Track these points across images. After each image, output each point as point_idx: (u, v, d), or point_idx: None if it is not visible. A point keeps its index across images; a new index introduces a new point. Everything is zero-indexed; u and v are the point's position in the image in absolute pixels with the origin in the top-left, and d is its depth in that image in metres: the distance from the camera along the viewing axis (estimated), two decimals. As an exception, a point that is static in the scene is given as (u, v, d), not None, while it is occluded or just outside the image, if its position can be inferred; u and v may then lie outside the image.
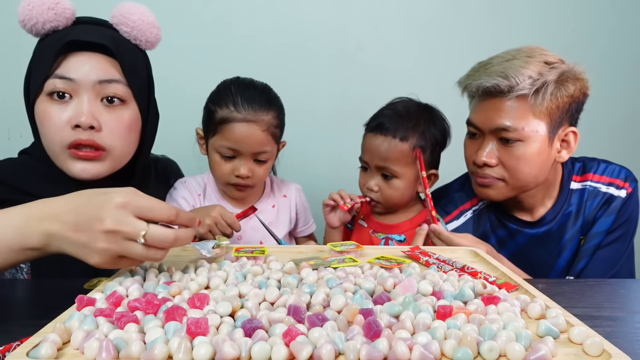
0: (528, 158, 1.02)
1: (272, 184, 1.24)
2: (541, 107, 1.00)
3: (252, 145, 1.08)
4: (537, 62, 1.01)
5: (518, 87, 0.98)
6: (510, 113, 1.00)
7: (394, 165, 1.13)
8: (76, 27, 0.89)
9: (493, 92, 1.01)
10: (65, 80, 0.85)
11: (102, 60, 0.88)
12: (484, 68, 1.04)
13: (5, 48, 1.51)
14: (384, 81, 1.65)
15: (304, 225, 1.27)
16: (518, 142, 1.01)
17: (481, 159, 1.04)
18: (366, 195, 1.17)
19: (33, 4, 0.85)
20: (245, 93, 1.09)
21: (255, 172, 1.10)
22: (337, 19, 1.67)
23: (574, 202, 1.12)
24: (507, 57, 1.03)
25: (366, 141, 1.17)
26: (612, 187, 1.11)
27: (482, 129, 1.05)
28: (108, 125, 0.88)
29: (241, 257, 0.78)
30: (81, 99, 0.86)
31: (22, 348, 0.45)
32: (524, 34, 1.62)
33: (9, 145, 1.17)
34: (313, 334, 0.46)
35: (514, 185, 1.05)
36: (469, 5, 1.69)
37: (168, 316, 0.50)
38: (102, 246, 0.59)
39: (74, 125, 0.85)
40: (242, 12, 1.63)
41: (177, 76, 1.48)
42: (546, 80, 0.99)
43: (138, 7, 0.92)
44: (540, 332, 0.51)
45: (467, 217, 1.17)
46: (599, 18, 1.71)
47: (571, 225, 1.12)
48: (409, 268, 0.71)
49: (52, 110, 0.86)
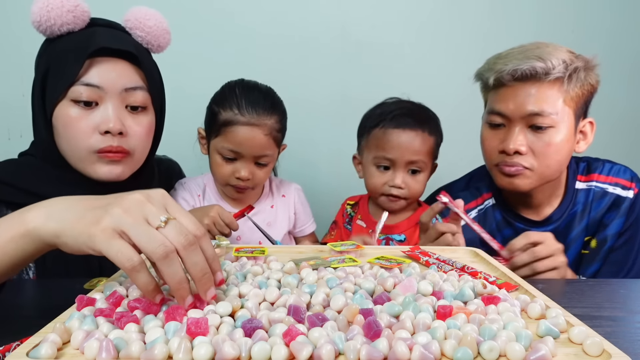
0: (558, 145, 1.02)
1: (271, 184, 1.25)
2: (572, 94, 1.01)
3: (254, 149, 1.08)
4: (564, 50, 1.02)
5: (554, 71, 0.99)
6: (543, 98, 1.00)
7: (424, 158, 1.15)
8: (96, 31, 0.89)
9: (527, 76, 1.00)
10: (93, 88, 0.86)
11: (126, 67, 0.89)
12: (514, 54, 1.03)
13: (5, 48, 1.51)
14: (384, 81, 1.64)
15: (303, 225, 1.27)
16: (550, 128, 1.01)
17: (514, 147, 1.02)
18: (389, 193, 1.16)
19: (52, 6, 0.85)
20: (249, 96, 1.09)
21: (255, 174, 1.11)
22: (337, 19, 1.66)
23: (580, 202, 1.12)
24: (530, 47, 1.03)
25: (390, 137, 1.14)
26: (619, 187, 1.12)
27: (510, 117, 1.03)
28: (132, 130, 0.90)
29: (241, 257, 0.78)
30: (108, 105, 0.87)
31: (22, 348, 0.45)
32: (523, 33, 1.61)
33: (9, 145, 1.17)
34: (313, 334, 0.46)
35: (541, 174, 1.05)
36: (468, 4, 1.68)
37: (168, 316, 0.50)
38: (117, 211, 0.51)
39: (103, 132, 0.87)
40: (242, 12, 1.63)
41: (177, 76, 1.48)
42: (577, 67, 1.00)
43: (154, 13, 0.94)
44: (540, 332, 0.51)
45: (471, 216, 1.16)
46: (598, 18, 1.71)
47: (576, 225, 1.12)
48: (409, 268, 0.71)
49: (77, 116, 0.87)
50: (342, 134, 1.60)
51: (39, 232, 0.55)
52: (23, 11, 1.52)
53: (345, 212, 1.26)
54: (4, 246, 0.56)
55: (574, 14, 1.71)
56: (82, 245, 0.53)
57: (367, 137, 1.19)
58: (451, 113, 1.21)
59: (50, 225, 0.55)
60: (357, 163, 1.25)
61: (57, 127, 0.89)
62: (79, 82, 0.86)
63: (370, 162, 1.18)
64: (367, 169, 1.19)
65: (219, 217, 0.96)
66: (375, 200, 1.21)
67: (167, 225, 0.52)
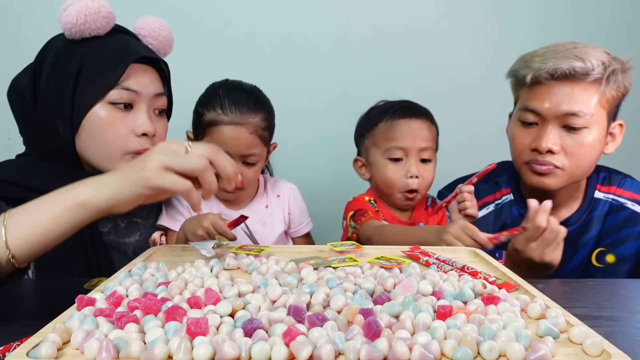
0: (591, 146, 1.03)
1: (266, 184, 1.24)
2: (607, 96, 1.01)
3: (240, 148, 1.08)
4: (602, 50, 1.03)
5: (593, 72, 0.99)
6: (579, 99, 1.00)
7: (432, 145, 1.17)
8: (128, 40, 0.94)
9: (566, 75, 1.00)
10: (130, 92, 0.91)
11: (154, 74, 0.96)
12: (551, 52, 1.02)
13: (5, 48, 1.51)
14: (384, 81, 1.64)
15: (298, 226, 1.25)
16: (584, 129, 1.01)
17: (547, 145, 1.02)
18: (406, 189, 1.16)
19: (89, 10, 0.88)
20: (232, 95, 1.09)
21: (244, 174, 1.10)
22: (336, 19, 1.66)
23: (597, 211, 1.12)
24: (568, 46, 1.03)
25: (400, 127, 1.15)
26: (637, 204, 1.12)
27: (545, 115, 1.03)
28: (158, 133, 0.96)
29: (240, 254, 0.78)
30: (141, 109, 0.92)
31: (22, 348, 0.45)
32: (523, 33, 1.62)
33: (9, 145, 1.16)
34: (313, 334, 0.46)
35: (571, 174, 1.05)
36: (469, 5, 1.68)
37: (168, 316, 0.50)
38: (154, 157, 0.64)
39: (140, 134, 0.91)
40: (240, 12, 1.63)
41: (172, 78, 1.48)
42: (615, 69, 1.01)
43: (165, 24, 1.00)
44: (540, 332, 0.51)
45: (489, 209, 1.17)
46: (598, 18, 1.71)
47: (589, 232, 1.12)
48: (409, 268, 0.71)
49: (115, 118, 0.90)
50: (342, 134, 1.60)
51: (93, 202, 0.64)
52: (23, 11, 1.53)
53: (369, 204, 1.23)
54: (58, 217, 0.63)
55: (574, 14, 1.70)
56: (139, 189, 0.64)
57: (373, 134, 1.19)
58: (450, 112, 1.21)
59: (104, 193, 0.64)
60: (360, 166, 1.24)
61: (89, 127, 0.90)
62: (119, 87, 0.90)
63: (381, 157, 1.18)
64: (378, 166, 1.19)
65: (213, 227, 0.95)
66: (391, 198, 1.20)
67: (192, 149, 0.66)
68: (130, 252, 1.00)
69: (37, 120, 0.93)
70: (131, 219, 1.02)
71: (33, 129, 0.95)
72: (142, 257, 0.78)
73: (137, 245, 1.01)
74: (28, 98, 0.92)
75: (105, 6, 0.90)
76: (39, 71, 0.93)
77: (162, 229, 1.07)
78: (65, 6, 0.89)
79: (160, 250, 0.85)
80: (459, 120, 1.25)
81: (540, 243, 0.90)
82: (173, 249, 0.87)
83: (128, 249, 1.00)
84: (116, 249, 0.98)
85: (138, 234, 1.03)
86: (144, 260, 0.76)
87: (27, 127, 0.96)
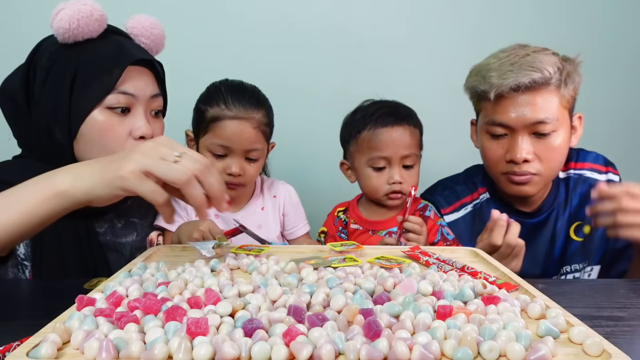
0: (561, 147, 1.07)
1: (262, 185, 1.24)
2: (567, 97, 1.05)
3: (244, 143, 1.08)
4: (551, 54, 1.06)
5: (552, 80, 1.02)
6: (544, 106, 1.03)
7: (415, 151, 1.17)
8: (121, 42, 0.92)
9: (528, 87, 1.02)
10: (128, 96, 0.90)
11: (149, 75, 0.94)
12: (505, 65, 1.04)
13: (5, 48, 1.51)
14: (384, 80, 1.64)
15: (293, 227, 1.24)
16: (552, 132, 1.05)
17: (522, 156, 1.04)
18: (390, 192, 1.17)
19: (82, 14, 0.87)
20: (235, 92, 1.10)
21: (246, 170, 1.11)
22: (336, 19, 1.66)
23: (562, 191, 1.17)
24: (519, 53, 1.05)
25: (382, 137, 1.15)
26: (595, 172, 1.17)
27: (513, 127, 1.05)
28: (156, 135, 0.94)
29: (240, 253, 0.78)
30: (139, 112, 0.91)
31: (22, 348, 0.45)
32: (523, 33, 1.61)
33: (9, 146, 1.16)
34: (313, 334, 0.46)
35: (547, 177, 1.09)
36: (468, 4, 1.68)
37: (168, 316, 0.50)
38: (137, 157, 0.62)
39: (138, 137, 0.90)
40: (239, 12, 1.63)
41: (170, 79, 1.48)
42: (569, 71, 1.04)
43: (157, 22, 0.99)
44: (540, 332, 0.51)
45: (467, 210, 1.19)
46: (598, 18, 1.71)
47: (561, 214, 1.16)
48: (409, 268, 0.71)
49: (114, 123, 0.89)
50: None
51: (70, 193, 0.63)
52: (22, 11, 1.53)
53: (337, 220, 1.25)
54: (36, 207, 0.63)
55: (574, 14, 1.70)
56: (115, 190, 0.62)
57: (356, 142, 1.19)
58: (451, 112, 1.21)
59: (81, 185, 0.63)
60: (347, 169, 1.25)
61: (88, 132, 0.89)
62: (117, 91, 0.89)
63: (364, 165, 1.18)
64: (361, 173, 1.19)
65: (209, 233, 0.95)
66: (377, 200, 1.20)
67: (182, 158, 0.63)
68: (127, 253, 1.00)
69: (31, 123, 0.91)
70: (128, 219, 1.02)
71: (27, 132, 0.94)
72: (142, 257, 0.78)
73: (134, 246, 1.01)
74: (20, 101, 0.91)
75: (97, 9, 0.88)
76: (32, 74, 0.91)
77: (159, 229, 1.07)
78: (57, 11, 0.87)
79: (160, 250, 0.85)
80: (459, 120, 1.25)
81: (497, 255, 0.92)
82: (173, 249, 0.87)
83: (125, 249, 1.00)
84: (113, 249, 0.98)
85: (135, 234, 1.02)
86: (144, 260, 0.76)
87: (20, 130, 0.95)
